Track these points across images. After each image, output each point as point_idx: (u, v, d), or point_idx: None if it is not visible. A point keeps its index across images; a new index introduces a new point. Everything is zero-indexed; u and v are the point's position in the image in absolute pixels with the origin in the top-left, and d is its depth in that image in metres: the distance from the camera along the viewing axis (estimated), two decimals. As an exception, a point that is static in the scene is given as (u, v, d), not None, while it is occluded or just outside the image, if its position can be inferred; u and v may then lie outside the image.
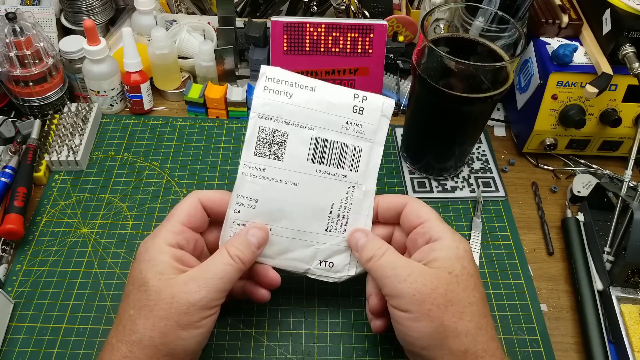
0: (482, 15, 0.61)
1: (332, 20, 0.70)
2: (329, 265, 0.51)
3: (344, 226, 0.50)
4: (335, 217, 0.50)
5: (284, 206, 0.49)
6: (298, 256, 0.50)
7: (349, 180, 0.50)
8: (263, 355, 0.52)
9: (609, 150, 0.70)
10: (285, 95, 0.49)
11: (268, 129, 0.49)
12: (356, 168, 0.51)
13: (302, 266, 0.50)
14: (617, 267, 0.56)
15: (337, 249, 0.51)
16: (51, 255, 0.58)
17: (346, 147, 0.50)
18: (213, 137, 0.71)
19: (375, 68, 0.73)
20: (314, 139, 0.49)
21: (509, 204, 0.66)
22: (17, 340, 0.51)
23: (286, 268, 0.50)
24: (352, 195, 0.50)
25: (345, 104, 0.50)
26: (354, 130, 0.50)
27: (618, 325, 0.53)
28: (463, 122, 0.61)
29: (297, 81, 0.49)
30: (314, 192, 0.49)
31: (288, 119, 0.49)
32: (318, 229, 0.50)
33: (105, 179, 0.65)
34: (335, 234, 0.51)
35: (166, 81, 0.74)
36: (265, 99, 0.49)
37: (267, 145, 0.49)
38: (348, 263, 0.51)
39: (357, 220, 0.51)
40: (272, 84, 0.49)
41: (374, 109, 0.50)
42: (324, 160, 0.50)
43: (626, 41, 0.61)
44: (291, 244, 0.50)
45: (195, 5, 0.82)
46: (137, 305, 0.42)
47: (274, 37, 0.70)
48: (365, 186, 0.51)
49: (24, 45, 0.64)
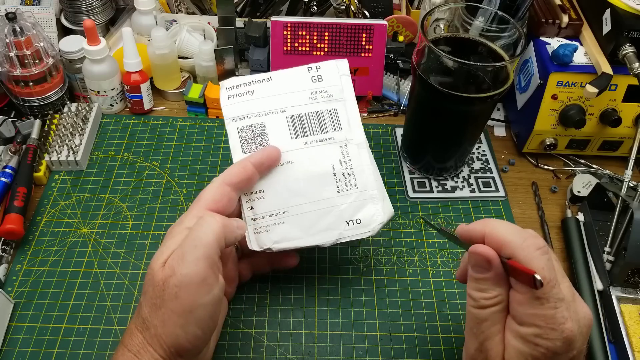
0: (482, 15, 0.61)
1: (332, 20, 0.70)
2: (356, 223, 0.51)
3: (354, 182, 0.52)
4: (342, 177, 0.52)
5: (289, 185, 0.50)
6: (324, 226, 0.51)
7: (337, 139, 0.52)
8: (263, 355, 0.52)
9: (609, 150, 0.70)
10: (247, 94, 0.53)
11: (245, 127, 0.52)
12: (339, 127, 0.53)
13: (332, 235, 0.51)
14: (617, 267, 0.56)
15: (358, 204, 0.51)
16: (51, 255, 0.58)
17: (321, 113, 0.53)
18: (213, 137, 0.71)
19: (375, 68, 0.73)
20: (289, 118, 0.52)
21: (509, 204, 0.66)
22: (17, 340, 0.51)
23: (319, 243, 0.50)
24: (347, 152, 0.52)
25: (302, 79, 0.54)
26: (321, 97, 0.54)
27: (618, 325, 0.53)
28: (463, 122, 0.61)
29: (253, 79, 0.53)
30: (310, 163, 0.51)
31: (259, 111, 0.52)
32: (330, 193, 0.51)
33: (105, 179, 0.65)
34: (348, 191, 0.51)
35: (166, 81, 0.74)
36: (232, 104, 0.52)
37: (250, 141, 0.51)
38: (374, 213, 0.52)
39: (362, 172, 0.52)
40: (232, 90, 0.53)
41: (330, 72, 0.54)
42: (306, 131, 0.52)
43: (626, 41, 0.61)
44: (313, 217, 0.50)
45: (195, 5, 0.82)
46: (157, 290, 0.42)
47: (274, 37, 0.70)
48: (354, 139, 0.53)
49: (24, 45, 0.64)
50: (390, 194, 0.65)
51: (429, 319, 0.55)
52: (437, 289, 0.57)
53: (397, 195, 0.65)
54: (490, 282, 0.38)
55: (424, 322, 0.55)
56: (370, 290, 0.57)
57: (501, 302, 0.38)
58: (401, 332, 0.54)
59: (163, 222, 0.61)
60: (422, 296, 0.56)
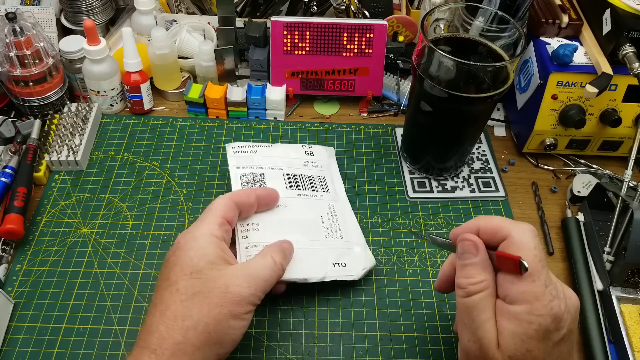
0: (482, 15, 0.61)
1: (332, 20, 0.70)
2: (342, 265, 0.55)
3: (339, 232, 0.57)
4: (329, 226, 0.57)
5: (283, 223, 0.55)
6: (312, 264, 0.54)
7: (325, 198, 0.60)
8: (263, 355, 0.52)
9: (609, 150, 0.70)
10: (251, 152, 0.62)
11: (247, 174, 0.59)
12: (327, 189, 0.61)
13: (319, 272, 0.54)
14: (617, 267, 0.56)
15: (343, 251, 0.56)
16: (51, 255, 0.58)
17: (312, 177, 0.62)
18: (213, 137, 0.71)
19: (375, 68, 0.73)
20: (285, 174, 0.60)
21: (509, 204, 0.66)
22: (17, 340, 0.51)
23: (306, 277, 0.53)
24: (334, 209, 0.59)
25: (298, 150, 0.65)
26: (312, 166, 0.63)
27: (618, 325, 0.53)
28: (463, 122, 0.61)
29: (256, 144, 0.63)
30: (302, 210, 0.57)
31: (259, 165, 0.60)
32: (318, 237, 0.56)
33: (105, 179, 0.65)
34: (334, 239, 0.57)
35: (166, 81, 0.74)
36: (237, 157, 0.60)
37: (250, 184, 0.58)
38: (357, 260, 0.56)
39: (346, 226, 0.58)
40: (238, 149, 0.62)
41: (320, 153, 0.66)
42: (300, 186, 0.60)
43: (626, 41, 0.61)
44: (302, 254, 0.54)
45: (195, 5, 0.82)
46: (189, 292, 0.42)
47: (274, 37, 0.70)
48: (340, 200, 0.62)
49: (24, 45, 0.64)
50: (390, 194, 0.65)
51: (429, 319, 0.55)
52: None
53: (397, 196, 0.65)
54: (478, 267, 0.40)
55: (424, 322, 0.55)
56: (370, 290, 0.57)
57: (489, 287, 0.39)
58: (401, 332, 0.54)
59: (163, 222, 0.61)
60: (422, 296, 0.56)
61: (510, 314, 0.37)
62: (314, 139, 0.71)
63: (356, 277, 0.55)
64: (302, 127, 0.73)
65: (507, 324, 0.37)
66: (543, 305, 0.37)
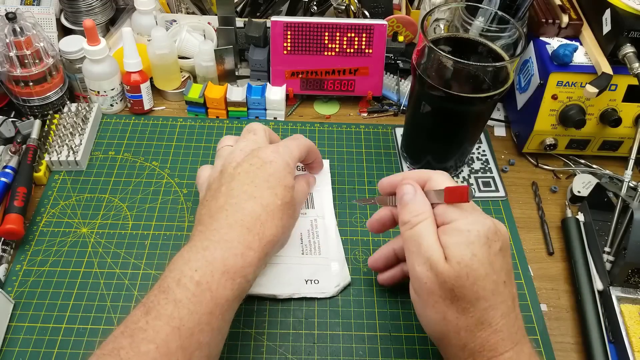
0: (482, 15, 0.61)
1: (332, 20, 0.70)
2: (314, 283, 0.56)
3: (317, 248, 0.58)
4: (307, 243, 0.58)
5: None
6: (285, 280, 0.55)
7: (309, 215, 0.61)
8: (263, 355, 0.52)
9: (609, 150, 0.70)
10: None
11: None
12: (312, 206, 0.62)
13: (289, 289, 0.55)
14: (617, 267, 0.56)
15: (318, 268, 0.57)
16: (51, 255, 0.58)
17: None
18: (213, 137, 0.71)
19: (375, 68, 0.73)
20: None
21: (509, 204, 0.66)
22: (17, 340, 0.51)
23: (278, 294, 0.55)
24: (317, 225, 0.60)
25: None
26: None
27: (618, 325, 0.53)
28: (463, 122, 0.61)
29: None
30: None
31: None
32: (294, 253, 0.57)
33: (105, 179, 0.65)
34: (311, 255, 0.57)
35: (166, 81, 0.74)
36: None
37: None
38: (331, 278, 0.56)
39: (326, 243, 0.59)
40: None
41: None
42: None
43: (626, 41, 0.61)
44: (276, 270, 0.56)
45: (195, 5, 0.82)
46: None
47: (274, 37, 0.70)
48: (326, 218, 0.61)
49: (24, 45, 0.64)
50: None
51: (429, 319, 0.55)
52: (437, 289, 0.57)
53: (397, 195, 0.65)
54: (418, 202, 0.45)
55: (424, 322, 0.55)
56: (370, 290, 0.57)
57: (430, 215, 0.44)
58: (401, 332, 0.54)
59: (163, 222, 0.61)
60: (422, 296, 0.56)
61: (452, 229, 0.42)
62: (314, 139, 0.71)
63: (328, 295, 0.55)
64: (302, 127, 0.73)
65: (449, 238, 0.42)
66: (477, 217, 0.43)
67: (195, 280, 0.41)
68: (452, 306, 0.42)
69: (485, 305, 0.41)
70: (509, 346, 0.41)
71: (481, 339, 0.41)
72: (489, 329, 0.41)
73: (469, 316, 0.41)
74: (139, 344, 0.38)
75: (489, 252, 0.41)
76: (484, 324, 0.41)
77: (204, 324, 0.41)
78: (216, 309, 0.41)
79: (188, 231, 0.61)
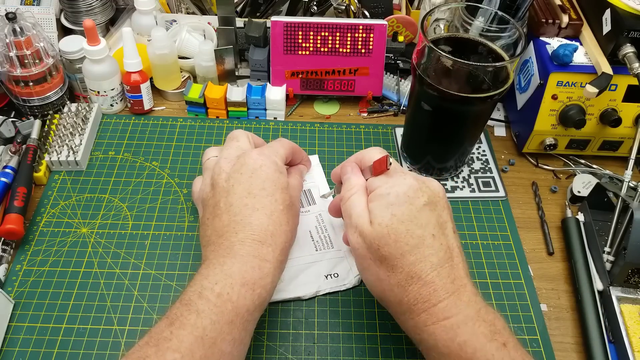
0: (482, 15, 0.61)
1: (332, 20, 0.70)
2: (334, 276, 0.56)
3: (329, 242, 0.59)
4: (319, 239, 0.59)
5: None
6: (305, 280, 0.55)
7: (312, 212, 0.61)
8: (263, 355, 0.52)
9: (609, 150, 0.70)
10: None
11: None
12: (313, 202, 0.62)
13: (312, 287, 0.55)
14: (617, 267, 0.56)
15: (335, 261, 0.57)
16: (51, 255, 0.58)
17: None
18: (213, 137, 0.71)
19: (375, 68, 0.73)
20: None
21: (509, 204, 0.66)
22: (17, 340, 0.51)
23: (299, 295, 0.55)
24: (322, 220, 0.60)
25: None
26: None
27: (618, 325, 0.53)
28: (463, 122, 0.61)
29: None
30: None
31: None
32: (309, 251, 0.58)
33: (105, 179, 0.65)
34: (325, 250, 0.58)
35: (166, 81, 0.74)
36: None
37: None
38: (350, 268, 0.56)
39: (336, 232, 0.59)
40: None
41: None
42: None
43: (626, 41, 0.61)
44: (294, 272, 0.56)
45: (195, 5, 0.82)
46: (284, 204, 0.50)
47: (274, 37, 0.70)
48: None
49: (24, 45, 0.64)
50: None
51: (429, 319, 0.55)
52: (437, 289, 0.57)
53: (397, 195, 0.65)
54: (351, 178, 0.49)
55: (424, 322, 0.55)
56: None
57: (360, 188, 0.48)
58: (401, 332, 0.53)
59: (163, 222, 0.61)
60: (422, 296, 0.56)
61: (375, 195, 0.46)
62: (314, 139, 0.71)
63: (349, 285, 0.56)
64: (302, 127, 0.73)
65: (372, 203, 0.46)
66: (397, 179, 0.46)
67: (216, 292, 0.42)
68: (382, 266, 0.44)
69: (411, 260, 0.43)
70: (443, 296, 0.42)
71: (414, 292, 0.43)
72: (419, 282, 0.43)
73: (398, 272, 0.43)
74: (164, 353, 0.39)
75: (410, 209, 0.44)
76: (413, 278, 0.43)
77: (226, 333, 0.41)
78: (237, 319, 0.42)
79: (188, 231, 0.61)
